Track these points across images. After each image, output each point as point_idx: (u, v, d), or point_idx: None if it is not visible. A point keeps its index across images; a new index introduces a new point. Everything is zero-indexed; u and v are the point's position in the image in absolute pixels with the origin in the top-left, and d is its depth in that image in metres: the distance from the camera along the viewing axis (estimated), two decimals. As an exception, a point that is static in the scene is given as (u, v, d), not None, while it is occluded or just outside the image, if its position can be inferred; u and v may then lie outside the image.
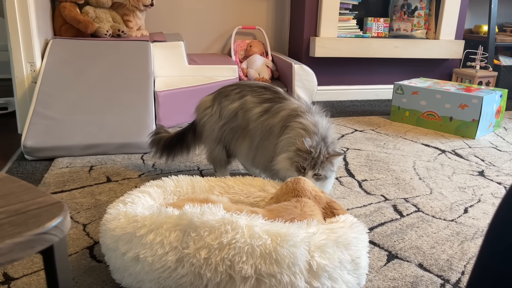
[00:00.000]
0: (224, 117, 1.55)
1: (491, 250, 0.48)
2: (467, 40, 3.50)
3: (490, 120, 2.45)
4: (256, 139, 1.50)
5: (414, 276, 1.15)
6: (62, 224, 0.45)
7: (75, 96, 2.12)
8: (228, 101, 1.55)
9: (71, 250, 1.21)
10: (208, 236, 0.88)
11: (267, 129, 1.47)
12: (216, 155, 1.61)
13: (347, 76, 3.25)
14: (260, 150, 1.50)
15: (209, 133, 1.60)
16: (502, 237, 0.46)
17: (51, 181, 1.65)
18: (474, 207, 1.57)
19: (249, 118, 1.51)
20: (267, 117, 1.48)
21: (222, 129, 1.56)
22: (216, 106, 1.58)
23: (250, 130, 1.52)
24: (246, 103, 1.53)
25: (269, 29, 3.41)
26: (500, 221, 0.47)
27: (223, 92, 1.59)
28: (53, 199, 0.50)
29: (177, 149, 1.69)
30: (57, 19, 2.62)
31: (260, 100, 1.52)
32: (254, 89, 1.55)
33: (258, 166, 1.54)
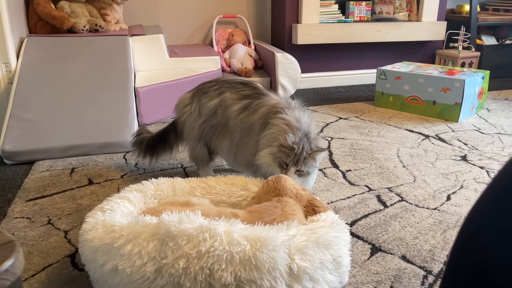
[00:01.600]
0: (204, 114, 1.53)
1: (457, 270, 0.48)
2: (450, 21, 3.49)
3: (472, 103, 2.46)
4: (236, 136, 1.48)
5: (397, 269, 1.16)
6: (14, 266, 0.44)
7: (53, 96, 2.08)
8: (207, 98, 1.53)
9: (52, 259, 1.19)
10: (186, 245, 0.87)
11: (247, 126, 1.46)
12: (197, 153, 1.59)
13: (331, 62, 3.23)
14: (241, 147, 1.48)
15: (189, 131, 1.58)
16: (467, 256, 0.46)
17: (31, 186, 1.62)
18: (457, 193, 1.58)
19: (229, 115, 1.50)
20: (246, 114, 1.47)
21: (202, 127, 1.54)
22: (195, 103, 1.55)
23: (230, 127, 1.50)
24: (225, 100, 1.51)
25: (250, 17, 3.36)
26: (466, 239, 0.47)
27: (201, 89, 1.57)
28: (4, 238, 0.47)
29: (160, 149, 1.67)
30: (31, 16, 2.55)
31: (239, 96, 1.50)
32: (233, 85, 1.53)
33: (240, 163, 1.53)
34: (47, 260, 1.19)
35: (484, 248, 0.43)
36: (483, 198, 0.46)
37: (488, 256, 0.42)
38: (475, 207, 0.48)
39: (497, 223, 0.42)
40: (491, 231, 0.43)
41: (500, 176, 0.45)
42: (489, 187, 0.46)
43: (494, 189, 0.45)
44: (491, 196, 0.45)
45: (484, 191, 0.47)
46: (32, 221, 1.39)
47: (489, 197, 0.45)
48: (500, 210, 0.43)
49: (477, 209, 0.46)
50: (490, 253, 0.42)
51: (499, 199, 0.43)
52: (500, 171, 0.46)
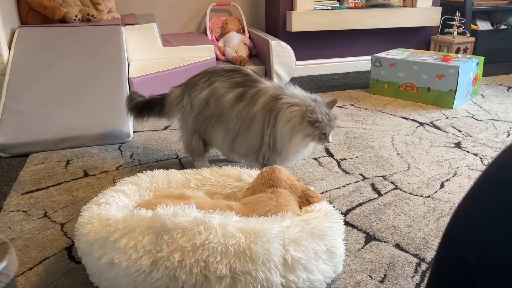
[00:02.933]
0: (196, 107, 1.53)
1: (441, 266, 0.49)
2: (445, 6, 3.47)
3: (467, 89, 2.46)
4: (234, 126, 1.49)
5: (391, 257, 1.18)
6: (7, 268, 0.44)
7: (46, 88, 2.07)
8: (197, 91, 1.53)
9: (49, 252, 1.20)
10: (181, 238, 0.88)
11: (248, 117, 1.47)
12: (193, 146, 1.60)
13: (325, 49, 3.21)
14: (242, 137, 1.49)
15: (183, 125, 1.59)
16: (451, 253, 0.47)
17: (26, 179, 1.63)
18: (450, 181, 1.60)
19: (223, 105, 1.50)
20: (244, 104, 1.47)
21: (196, 120, 1.54)
22: (186, 98, 1.55)
23: (224, 117, 1.50)
24: (216, 90, 1.51)
25: (244, 4, 3.33)
26: (450, 235, 0.48)
27: (190, 83, 1.57)
28: (-3, 240, 0.48)
29: (148, 114, 1.69)
30: (22, 6, 2.52)
31: (231, 84, 1.50)
32: (222, 73, 1.53)
33: (239, 152, 1.54)
34: (44, 253, 1.19)
35: (468, 246, 0.44)
36: (468, 197, 0.47)
37: (471, 253, 0.43)
38: (459, 206, 0.49)
39: (480, 224, 0.43)
40: (475, 230, 0.44)
41: (485, 176, 0.45)
42: (473, 187, 0.47)
43: (477, 189, 0.46)
44: (474, 196, 0.46)
45: (469, 190, 0.48)
46: (28, 214, 1.39)
47: (472, 196, 0.46)
48: (482, 210, 0.43)
49: (461, 207, 0.47)
50: (473, 250, 0.43)
51: (484, 199, 0.44)
52: (485, 170, 0.46)
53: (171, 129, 2.13)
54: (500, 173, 0.42)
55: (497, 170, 0.43)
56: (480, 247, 0.42)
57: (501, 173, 0.42)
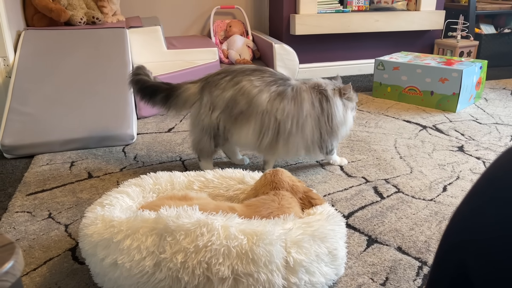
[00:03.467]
0: (219, 106, 1.52)
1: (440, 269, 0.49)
2: (448, 10, 3.47)
3: (470, 93, 2.46)
4: (286, 126, 1.53)
5: (393, 260, 1.18)
6: (14, 268, 0.45)
7: (51, 90, 2.08)
8: (220, 90, 1.52)
9: (53, 252, 1.21)
10: (184, 239, 0.89)
11: (302, 115, 1.54)
12: (203, 145, 1.59)
13: (329, 52, 3.22)
14: (298, 135, 1.55)
15: (197, 123, 1.57)
16: (450, 256, 0.47)
17: (31, 180, 1.64)
18: (453, 184, 1.60)
19: (258, 104, 1.51)
20: (291, 103, 1.53)
21: (217, 118, 1.53)
22: (206, 97, 1.54)
23: (259, 115, 1.51)
24: (245, 89, 1.51)
25: (248, 8, 3.35)
26: (449, 238, 0.48)
27: (211, 82, 1.55)
28: (4, 240, 0.49)
29: (148, 97, 1.64)
30: (28, 9, 2.54)
31: (263, 83, 1.52)
32: (247, 73, 1.54)
33: (292, 150, 1.58)
34: (48, 254, 1.20)
35: (466, 250, 0.44)
36: (465, 201, 0.47)
37: (469, 257, 0.44)
38: (458, 210, 0.49)
39: (477, 228, 0.44)
40: (472, 234, 0.45)
41: (482, 180, 0.46)
42: (472, 190, 0.47)
43: (476, 193, 0.46)
44: (473, 200, 0.46)
45: (467, 194, 0.49)
46: (33, 215, 1.40)
47: (471, 201, 0.46)
48: (481, 214, 0.44)
49: (459, 212, 0.48)
50: (470, 254, 0.44)
51: (481, 203, 0.45)
52: (482, 175, 0.47)
53: (174, 131, 2.14)
54: (497, 177, 0.43)
55: (493, 174, 0.44)
56: (478, 249, 0.43)
57: (497, 177, 0.43)
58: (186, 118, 2.33)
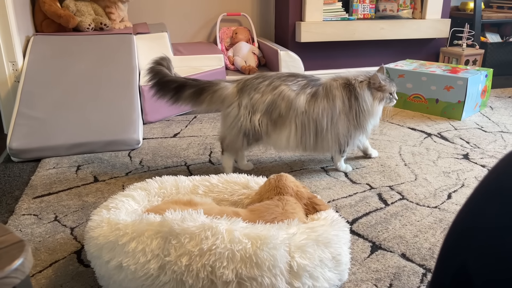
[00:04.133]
0: (259, 109, 1.58)
1: (443, 270, 0.50)
2: (454, 18, 3.48)
3: (476, 101, 2.46)
4: (322, 124, 1.61)
5: (397, 267, 1.18)
6: (23, 265, 0.46)
7: (59, 94, 2.11)
8: (259, 94, 1.58)
9: (58, 255, 1.22)
10: (189, 242, 0.90)
11: (335, 111, 1.62)
12: (238, 145, 1.65)
13: (334, 60, 3.24)
14: (332, 131, 1.62)
15: (233, 124, 1.61)
16: (452, 257, 0.48)
17: (37, 184, 1.66)
18: (458, 192, 1.60)
19: (298, 107, 1.59)
20: (324, 101, 1.61)
21: (261, 122, 1.59)
22: (245, 100, 1.58)
23: (298, 117, 1.59)
24: (284, 93, 1.58)
25: (254, 15, 3.37)
26: (451, 240, 0.49)
27: (249, 85, 1.60)
28: (14, 238, 0.50)
29: (167, 93, 1.62)
30: (37, 15, 2.58)
31: (298, 87, 1.61)
32: (283, 78, 1.62)
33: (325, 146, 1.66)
34: (53, 257, 1.21)
35: (467, 251, 0.45)
36: (467, 204, 0.48)
37: (470, 258, 0.44)
38: (459, 212, 0.50)
39: (479, 229, 0.44)
40: (473, 236, 0.45)
41: (483, 183, 0.47)
42: (473, 194, 0.48)
43: (477, 196, 0.47)
44: (474, 203, 0.47)
45: (468, 197, 0.49)
46: (39, 218, 1.42)
47: (472, 203, 0.47)
48: (482, 216, 0.45)
49: (461, 214, 0.48)
50: (472, 255, 0.44)
51: (482, 205, 0.45)
52: (483, 179, 0.47)
53: (180, 136, 2.16)
54: (497, 182, 0.43)
55: (493, 180, 0.44)
56: (478, 251, 0.43)
57: (497, 182, 0.43)
58: (191, 123, 2.35)
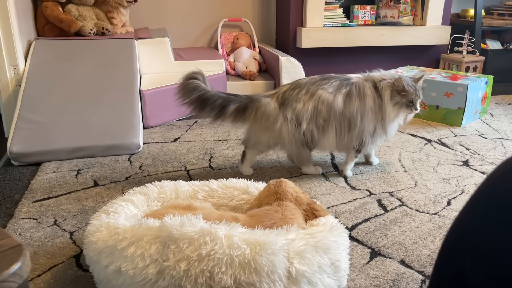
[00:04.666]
0: (305, 118, 1.63)
1: (440, 274, 0.50)
2: (454, 25, 3.49)
3: (476, 107, 2.47)
4: (355, 122, 1.65)
5: (396, 273, 1.18)
6: (21, 269, 0.46)
7: (60, 98, 2.11)
8: (300, 103, 1.63)
9: (57, 259, 1.22)
10: (188, 248, 0.90)
11: (365, 108, 1.65)
12: (304, 155, 1.71)
13: (334, 66, 3.24)
14: (364, 126, 1.65)
15: (289, 139, 1.66)
16: (449, 262, 0.48)
17: (37, 188, 1.66)
18: (457, 199, 1.59)
19: (337, 108, 1.64)
20: (356, 99, 1.64)
21: (308, 130, 1.64)
22: (289, 113, 1.63)
23: (337, 118, 1.64)
24: (323, 98, 1.63)
25: (255, 21, 3.39)
26: (448, 245, 0.49)
27: (288, 98, 1.65)
28: (12, 242, 0.50)
29: (211, 110, 1.60)
30: (39, 19, 2.59)
31: (334, 89, 1.65)
32: (317, 83, 1.66)
33: (351, 144, 1.70)
34: (52, 261, 1.21)
35: (464, 254, 0.45)
36: (464, 209, 0.48)
37: (467, 261, 0.45)
38: (457, 217, 0.50)
39: (475, 235, 0.45)
40: (471, 239, 0.45)
41: (481, 188, 0.47)
42: (471, 198, 0.48)
43: (475, 201, 0.47)
44: (471, 209, 0.47)
45: (466, 202, 0.50)
46: (39, 222, 1.42)
47: (469, 209, 0.47)
48: (478, 221, 0.45)
49: (458, 219, 0.49)
50: (469, 258, 0.44)
51: (479, 211, 0.45)
52: (481, 184, 0.48)
53: (180, 141, 2.16)
54: (495, 187, 0.44)
55: (491, 185, 0.45)
56: (475, 256, 0.43)
57: (495, 187, 0.43)
58: (192, 128, 2.35)
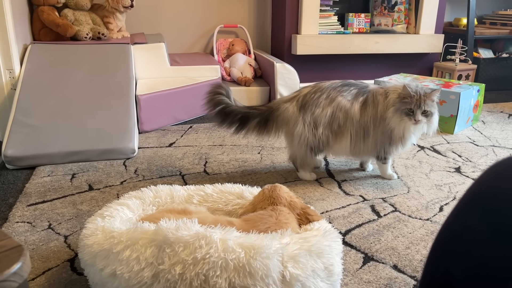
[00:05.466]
0: (322, 123, 1.68)
1: (428, 276, 0.51)
2: (447, 34, 3.54)
3: (468, 115, 2.50)
4: (367, 128, 1.68)
5: (389, 278, 1.19)
6: (22, 269, 0.47)
7: (55, 102, 2.12)
8: (320, 108, 1.68)
9: (52, 263, 1.22)
10: (183, 251, 0.90)
11: (378, 116, 1.67)
12: (309, 160, 1.75)
13: (329, 72, 3.27)
14: (373, 136, 1.68)
15: (302, 142, 1.70)
16: (437, 264, 0.50)
17: (32, 191, 1.66)
18: (449, 205, 1.61)
19: (353, 116, 1.68)
20: (371, 107, 1.67)
21: (323, 134, 1.68)
22: (309, 116, 1.67)
23: (353, 125, 1.68)
24: (341, 104, 1.68)
25: (251, 27, 3.41)
26: (437, 247, 0.51)
27: (308, 102, 1.69)
28: (13, 242, 0.51)
29: (232, 124, 1.72)
30: (35, 23, 2.60)
31: (352, 96, 1.69)
32: (338, 89, 1.70)
33: (366, 151, 1.72)
34: (47, 264, 1.22)
35: (452, 256, 0.47)
36: (452, 213, 0.50)
37: (454, 262, 0.46)
38: (447, 219, 0.52)
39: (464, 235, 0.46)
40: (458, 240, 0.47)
41: (469, 192, 0.49)
42: (460, 202, 0.50)
43: (462, 204, 0.49)
44: (459, 213, 0.49)
45: (455, 206, 0.51)
46: (33, 226, 1.42)
47: (457, 213, 0.49)
48: (465, 224, 0.46)
49: (447, 223, 0.50)
50: (456, 259, 0.46)
51: (466, 215, 0.47)
52: (469, 188, 0.49)
53: (175, 146, 2.17)
54: (482, 191, 0.45)
55: (478, 189, 0.46)
56: (462, 257, 0.45)
57: (482, 192, 0.45)
58: (187, 133, 2.36)
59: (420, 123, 1.62)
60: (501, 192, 0.43)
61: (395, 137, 1.67)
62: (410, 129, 1.66)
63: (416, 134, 1.70)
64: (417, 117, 1.61)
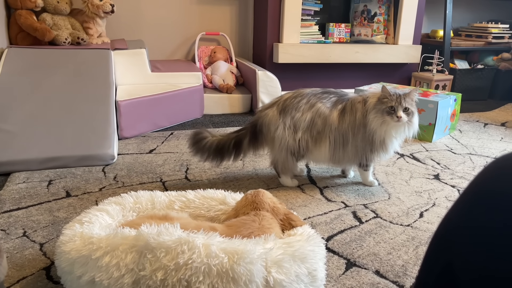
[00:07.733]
0: (301, 127, 1.68)
1: (428, 269, 0.51)
2: (425, 45, 3.62)
3: (445, 124, 2.55)
4: (345, 135, 1.68)
5: (371, 284, 1.19)
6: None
7: (32, 108, 2.06)
8: (300, 113, 1.68)
9: (27, 271, 1.18)
10: (165, 257, 0.88)
11: (356, 123, 1.68)
12: (289, 164, 1.74)
13: (310, 81, 3.30)
14: (353, 143, 1.68)
15: (282, 145, 1.70)
16: (437, 257, 0.50)
17: (6, 198, 1.60)
18: (429, 211, 1.63)
19: (331, 123, 1.68)
20: (350, 114, 1.68)
21: (303, 139, 1.68)
22: (288, 120, 1.68)
23: (331, 132, 1.68)
24: (320, 111, 1.69)
25: (233, 35, 3.42)
26: (437, 241, 0.51)
27: (288, 105, 1.70)
28: (-11, 244, 0.48)
29: (228, 154, 1.75)
30: (12, 27, 2.54)
31: (331, 104, 1.71)
32: (318, 96, 1.72)
33: (346, 158, 1.72)
34: (21, 273, 1.17)
35: (452, 250, 0.47)
36: (454, 206, 0.50)
37: (455, 257, 0.46)
38: (446, 215, 0.52)
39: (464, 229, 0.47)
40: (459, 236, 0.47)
41: (470, 187, 0.49)
42: (460, 197, 0.50)
43: (464, 198, 0.49)
44: (461, 205, 0.49)
45: (456, 200, 0.52)
46: (7, 233, 1.37)
47: (459, 205, 0.49)
48: (467, 217, 0.47)
49: (448, 216, 0.51)
50: (457, 254, 0.46)
51: (468, 208, 0.47)
52: (470, 183, 0.50)
53: (156, 152, 2.14)
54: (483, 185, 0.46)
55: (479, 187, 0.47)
56: (464, 251, 0.45)
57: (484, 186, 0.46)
58: (168, 140, 2.33)
59: (402, 120, 1.60)
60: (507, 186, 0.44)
61: (376, 141, 1.67)
62: (391, 132, 1.65)
63: (398, 138, 1.69)
64: (399, 113, 1.59)
